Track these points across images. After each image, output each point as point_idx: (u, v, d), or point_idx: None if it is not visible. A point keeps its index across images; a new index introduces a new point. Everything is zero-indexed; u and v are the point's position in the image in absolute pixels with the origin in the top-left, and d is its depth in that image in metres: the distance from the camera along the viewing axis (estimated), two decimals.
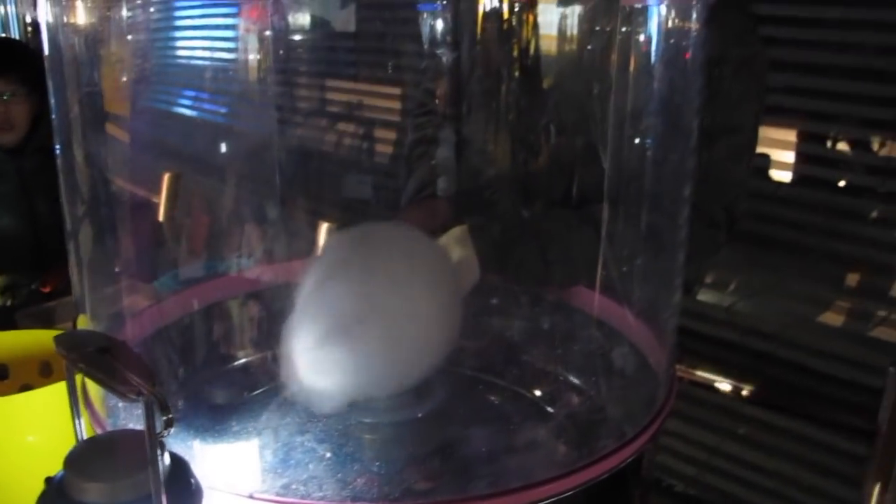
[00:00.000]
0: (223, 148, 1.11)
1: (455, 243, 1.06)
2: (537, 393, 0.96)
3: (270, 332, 0.97)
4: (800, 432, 1.87)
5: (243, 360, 0.98)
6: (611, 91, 0.84)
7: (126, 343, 0.55)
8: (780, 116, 1.89)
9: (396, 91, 1.67)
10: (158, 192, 1.10)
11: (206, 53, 1.18)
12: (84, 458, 0.55)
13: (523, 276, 1.06)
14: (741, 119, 1.05)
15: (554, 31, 1.00)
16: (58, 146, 0.87)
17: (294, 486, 0.72)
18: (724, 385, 1.79)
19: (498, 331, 1.04)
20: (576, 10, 0.94)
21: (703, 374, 1.81)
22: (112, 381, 0.51)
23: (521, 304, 1.05)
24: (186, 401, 0.86)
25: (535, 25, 1.01)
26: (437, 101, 1.29)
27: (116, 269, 0.95)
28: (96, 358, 0.53)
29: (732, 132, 1.04)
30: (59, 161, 0.86)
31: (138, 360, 0.53)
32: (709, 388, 1.81)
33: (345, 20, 1.29)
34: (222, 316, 0.99)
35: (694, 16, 0.81)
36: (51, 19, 0.80)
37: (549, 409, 0.94)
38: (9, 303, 1.57)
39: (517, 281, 1.05)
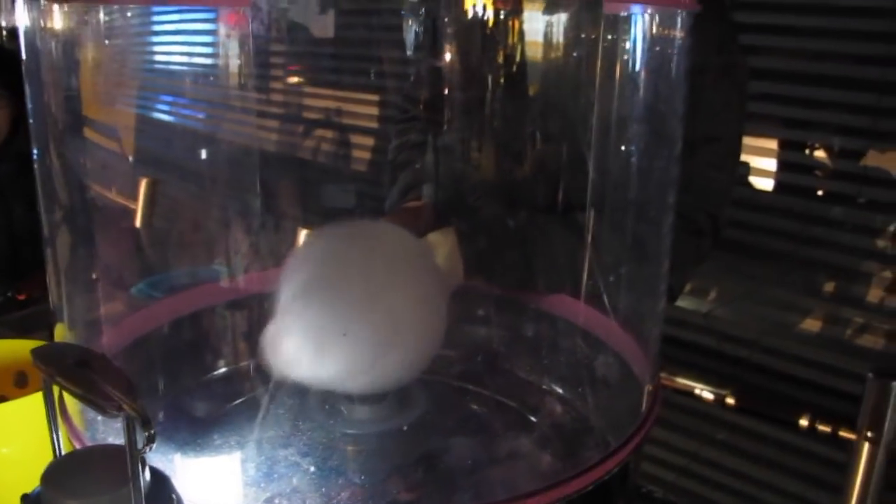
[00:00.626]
0: (203, 154, 1.10)
1: (440, 244, 1.05)
2: (520, 402, 0.96)
3: (250, 342, 0.96)
4: (779, 438, 1.89)
5: (223, 370, 0.97)
6: (595, 98, 0.84)
7: (105, 356, 0.54)
8: (757, 124, 1.91)
9: (378, 98, 1.66)
10: (136, 198, 1.09)
11: (186, 59, 1.17)
12: (62, 473, 0.53)
13: (506, 282, 1.05)
14: (723, 127, 1.05)
15: (539, 38, 1.00)
16: (35, 151, 0.85)
17: (277, 501, 0.71)
18: (703, 391, 1.79)
19: (480, 339, 1.03)
20: (561, 18, 0.94)
21: (682, 381, 1.81)
22: (92, 395, 0.50)
23: (504, 312, 1.04)
24: (166, 413, 0.85)
25: (520, 32, 1.00)
26: (420, 106, 1.29)
27: (93, 276, 0.93)
28: (75, 371, 0.51)
29: (715, 140, 1.05)
30: (36, 166, 0.85)
31: (118, 373, 0.52)
32: (688, 394, 1.81)
33: (323, 26, 1.28)
34: (201, 325, 0.97)
35: (678, 23, 0.81)
36: (28, 23, 0.79)
37: (532, 419, 0.94)
38: None
39: (500, 286, 1.05)
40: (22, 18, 0.77)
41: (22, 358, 1.02)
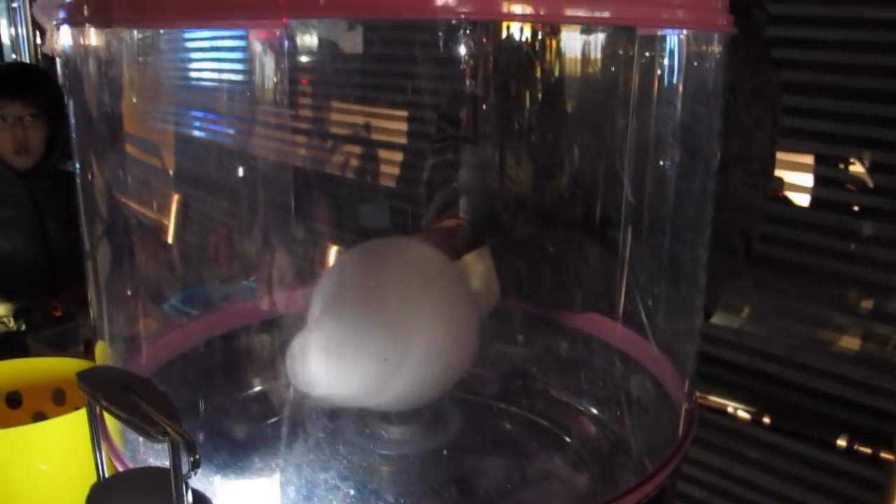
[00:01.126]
0: (237, 171, 1.11)
1: (477, 264, 1.06)
2: (554, 422, 0.95)
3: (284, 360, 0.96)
4: (813, 456, 1.86)
5: (257, 389, 0.98)
6: (631, 116, 0.84)
7: (150, 380, 0.54)
8: (788, 138, 1.89)
9: (414, 115, 1.66)
10: (171, 214, 1.10)
11: (219, 75, 1.18)
12: (107, 495, 0.54)
13: (541, 300, 1.05)
14: (756, 146, 1.05)
15: (576, 56, 1.00)
16: (77, 166, 0.86)
17: None
18: (735, 409, 1.78)
19: (514, 358, 1.03)
20: (597, 38, 0.94)
21: (715, 400, 1.80)
22: (137, 420, 0.50)
23: (538, 331, 1.04)
24: (203, 431, 0.85)
25: (557, 51, 1.01)
26: (456, 125, 1.29)
27: (132, 292, 0.94)
28: (120, 396, 0.52)
29: (747, 159, 1.04)
30: (78, 182, 0.86)
31: (162, 398, 0.52)
32: (720, 412, 1.80)
33: (352, 42, 1.29)
34: (236, 344, 0.98)
35: (714, 42, 0.81)
36: (70, 41, 0.80)
37: (567, 439, 0.93)
38: (21, 327, 1.56)
39: (534, 303, 1.05)
40: (64, 38, 0.78)
41: (60, 375, 1.03)
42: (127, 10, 0.57)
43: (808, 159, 1.92)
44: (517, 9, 0.52)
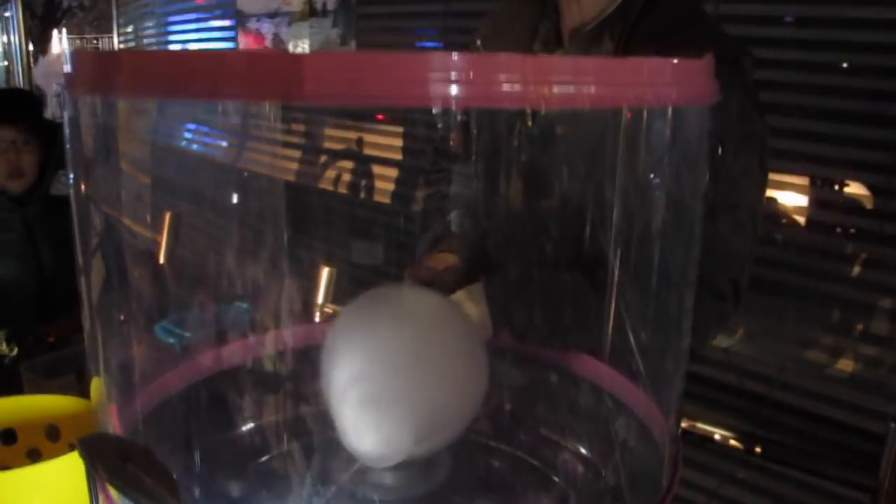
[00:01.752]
0: (228, 189, 1.11)
1: (468, 300, 1.08)
2: (542, 461, 0.97)
3: (276, 399, 0.98)
4: (799, 478, 1.88)
5: (245, 428, 0.99)
6: (618, 164, 0.86)
7: (148, 449, 0.56)
8: (775, 160, 1.91)
9: (407, 145, 1.68)
10: (161, 234, 1.10)
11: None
12: None
13: (529, 338, 1.07)
14: (743, 194, 1.06)
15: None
16: (71, 177, 0.86)
17: None
18: (725, 437, 1.80)
19: (502, 396, 1.05)
20: None
21: (703, 427, 1.82)
22: (137, 493, 0.52)
23: (526, 369, 1.06)
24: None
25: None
26: (449, 159, 1.31)
27: (125, 318, 0.94)
28: (120, 468, 0.53)
29: (735, 207, 1.05)
30: (73, 201, 0.86)
31: (161, 468, 0.54)
32: (707, 438, 1.82)
33: None
34: (224, 385, 0.99)
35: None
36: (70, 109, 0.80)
37: (555, 479, 0.95)
38: (14, 352, 1.57)
39: (523, 342, 1.06)
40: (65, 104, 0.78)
41: (54, 411, 1.05)
42: (130, 87, 0.58)
43: (798, 180, 1.94)
44: (507, 100, 0.54)
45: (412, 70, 0.52)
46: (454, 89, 0.53)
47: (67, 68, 0.68)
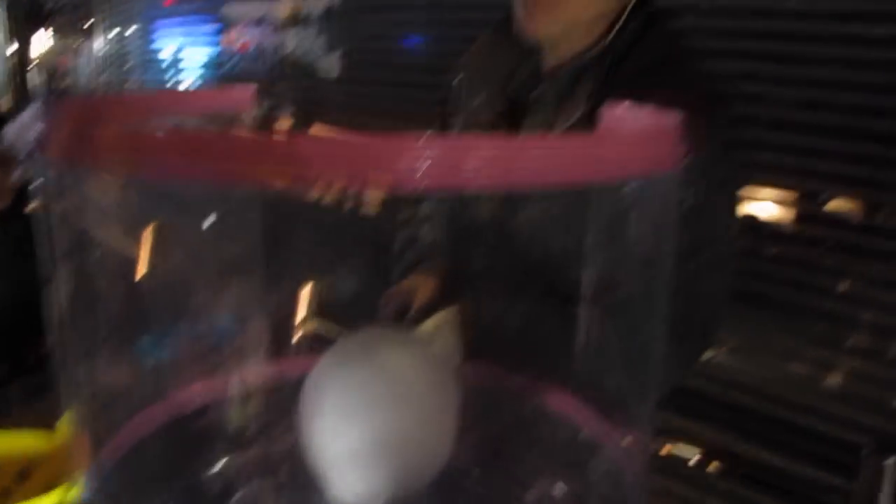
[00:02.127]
0: (205, 208, 1.11)
1: (441, 327, 1.08)
2: (511, 495, 0.98)
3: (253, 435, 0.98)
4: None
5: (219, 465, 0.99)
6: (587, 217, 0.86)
7: None
8: (760, 172, 1.92)
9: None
10: (138, 251, 1.09)
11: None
12: None
13: (502, 364, 1.07)
14: (716, 235, 1.06)
15: None
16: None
17: None
18: (699, 461, 1.81)
19: (469, 428, 1.05)
20: None
21: (678, 452, 1.82)
22: None
23: (497, 401, 1.06)
24: None
25: None
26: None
27: (100, 340, 0.94)
28: None
29: (713, 241, 1.04)
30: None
31: None
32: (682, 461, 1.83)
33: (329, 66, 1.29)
34: (203, 422, 0.99)
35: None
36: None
37: None
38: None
39: (494, 366, 1.07)
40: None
41: (25, 451, 1.04)
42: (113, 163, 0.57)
43: (784, 194, 1.95)
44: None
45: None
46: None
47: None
